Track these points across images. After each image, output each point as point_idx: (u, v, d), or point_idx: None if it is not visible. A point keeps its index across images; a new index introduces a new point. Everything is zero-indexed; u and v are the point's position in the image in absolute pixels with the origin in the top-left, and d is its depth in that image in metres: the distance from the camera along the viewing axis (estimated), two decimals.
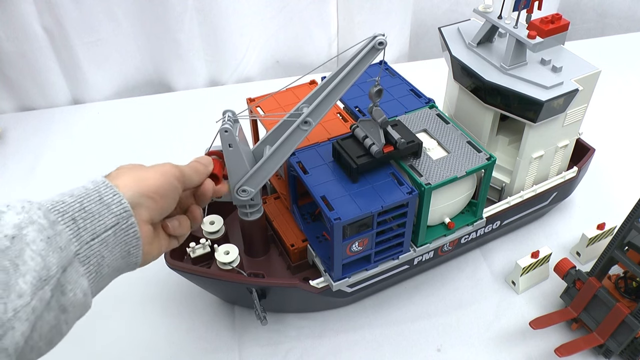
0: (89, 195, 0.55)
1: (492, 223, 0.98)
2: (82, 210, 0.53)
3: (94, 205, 0.54)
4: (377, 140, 0.78)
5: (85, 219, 0.53)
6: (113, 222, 0.55)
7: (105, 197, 0.55)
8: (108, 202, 0.55)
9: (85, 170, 1.27)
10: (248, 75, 1.57)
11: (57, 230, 0.51)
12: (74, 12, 1.33)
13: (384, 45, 0.70)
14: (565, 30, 0.90)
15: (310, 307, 0.94)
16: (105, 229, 0.54)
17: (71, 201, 0.54)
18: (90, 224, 0.53)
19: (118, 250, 0.56)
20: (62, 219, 0.52)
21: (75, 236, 0.52)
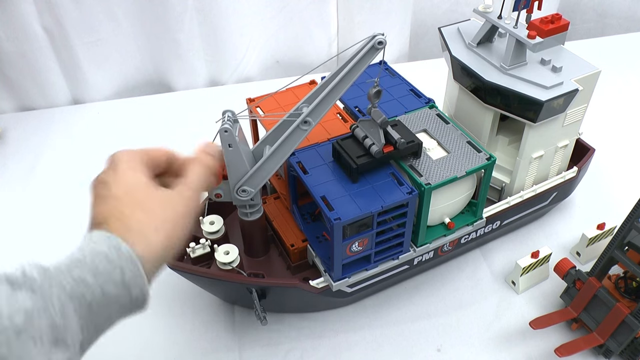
0: (112, 274, 0.51)
1: (492, 223, 0.98)
2: (102, 295, 0.50)
3: (113, 287, 0.51)
4: (377, 140, 0.78)
5: (100, 305, 0.50)
6: (127, 301, 0.52)
7: (128, 278, 0.52)
8: (129, 283, 0.52)
9: (85, 170, 1.26)
10: (248, 75, 1.57)
11: (69, 322, 0.47)
12: (74, 12, 1.33)
13: (383, 45, 0.70)
14: (565, 30, 0.90)
15: (310, 307, 0.94)
16: (118, 313, 0.52)
17: (92, 283, 0.50)
18: (106, 310, 0.51)
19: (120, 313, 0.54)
20: (79, 307, 0.49)
21: (85, 327, 0.49)
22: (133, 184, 0.61)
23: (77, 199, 1.20)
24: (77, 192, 1.22)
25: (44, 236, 1.11)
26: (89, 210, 0.61)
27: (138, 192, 0.60)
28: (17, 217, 1.16)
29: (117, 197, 0.59)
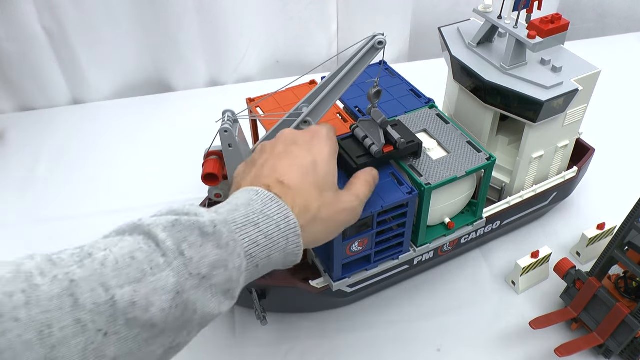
0: (279, 242, 0.57)
1: (492, 223, 0.98)
2: (267, 258, 0.57)
3: (277, 253, 0.57)
4: (377, 140, 0.78)
5: (263, 265, 0.57)
6: (282, 263, 0.60)
7: (291, 249, 0.59)
8: (289, 252, 0.59)
9: (85, 170, 1.27)
10: (248, 75, 1.57)
11: (240, 277, 0.54)
12: (74, 12, 1.34)
13: (383, 45, 0.70)
14: (565, 30, 0.90)
15: (310, 307, 0.94)
16: (271, 270, 0.59)
17: (264, 244, 0.56)
18: (265, 269, 0.58)
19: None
20: (249, 265, 0.55)
21: (246, 280, 0.56)
22: (328, 171, 0.65)
23: (77, 198, 1.20)
24: (77, 192, 1.22)
25: (44, 236, 1.11)
26: (267, 152, 0.66)
27: (328, 180, 0.64)
28: (17, 217, 1.16)
29: (310, 171, 0.63)
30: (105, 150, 1.32)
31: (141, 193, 1.20)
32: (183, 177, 1.18)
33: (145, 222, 0.50)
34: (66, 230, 1.12)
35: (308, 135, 0.67)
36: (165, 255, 0.48)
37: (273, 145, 0.66)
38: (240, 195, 0.58)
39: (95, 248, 0.48)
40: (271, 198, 0.57)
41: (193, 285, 0.49)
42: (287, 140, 0.66)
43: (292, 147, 0.65)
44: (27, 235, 1.11)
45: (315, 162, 0.64)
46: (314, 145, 0.65)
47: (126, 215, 1.18)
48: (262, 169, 0.63)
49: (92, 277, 0.45)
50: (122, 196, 1.19)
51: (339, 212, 0.65)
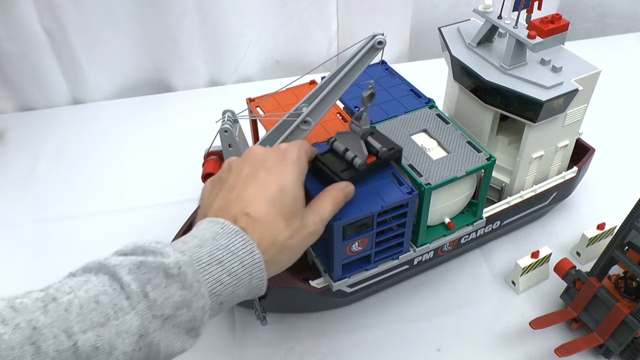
0: (243, 278, 0.57)
1: (492, 223, 0.98)
2: (231, 294, 0.57)
3: (241, 289, 0.57)
4: (359, 152, 0.76)
5: (227, 301, 0.57)
6: (245, 296, 0.59)
7: (255, 283, 0.59)
8: (254, 286, 0.59)
9: (85, 170, 1.27)
10: (248, 75, 1.57)
11: (203, 315, 0.55)
12: (74, 12, 1.34)
13: (383, 45, 0.70)
14: (565, 30, 0.90)
15: (310, 307, 0.94)
16: (234, 304, 0.59)
17: (228, 282, 0.56)
18: (229, 305, 0.58)
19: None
20: (213, 303, 0.56)
21: (210, 316, 0.56)
22: (295, 196, 0.64)
23: (77, 198, 1.20)
24: (77, 192, 1.22)
25: (44, 236, 1.11)
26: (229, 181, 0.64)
27: (296, 206, 0.64)
28: (17, 217, 1.16)
29: (277, 200, 0.62)
30: (105, 150, 1.32)
31: (141, 193, 1.20)
32: (183, 177, 1.18)
33: (111, 263, 0.50)
34: (66, 230, 1.12)
35: (277, 156, 0.65)
36: (130, 298, 0.48)
37: (240, 166, 0.65)
38: (206, 227, 0.58)
39: (60, 291, 0.48)
40: (236, 232, 0.57)
41: (157, 326, 0.50)
42: (255, 161, 0.65)
43: (259, 171, 0.63)
44: (27, 235, 1.11)
45: (283, 188, 0.62)
46: (281, 169, 0.64)
47: (126, 215, 1.19)
48: (229, 197, 0.62)
49: (55, 323, 0.45)
50: (122, 196, 1.19)
51: (305, 237, 0.65)
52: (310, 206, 0.68)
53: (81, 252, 1.08)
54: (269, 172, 0.63)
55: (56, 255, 1.07)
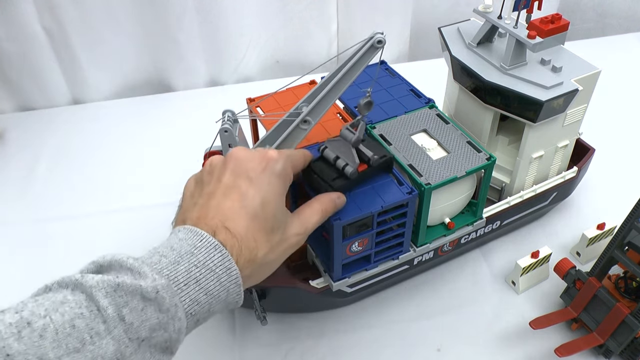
0: (219, 294, 0.56)
1: (492, 223, 0.98)
2: (208, 311, 0.56)
3: (218, 305, 0.57)
4: (351, 160, 0.75)
5: (204, 318, 0.57)
6: (222, 310, 0.58)
7: (231, 298, 0.58)
8: (230, 301, 0.58)
9: (85, 170, 1.27)
10: (248, 75, 1.57)
11: (180, 336, 0.54)
12: (74, 12, 1.34)
13: (382, 44, 0.70)
14: (565, 30, 0.90)
15: (310, 307, 0.94)
16: (219, 309, 0.58)
17: (205, 301, 0.56)
18: (205, 321, 0.57)
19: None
20: (189, 322, 0.55)
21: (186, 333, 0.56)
22: (277, 209, 0.63)
23: (77, 198, 1.20)
24: (77, 191, 1.22)
25: (44, 236, 1.11)
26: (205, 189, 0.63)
27: (277, 220, 0.62)
28: (17, 217, 1.16)
29: (258, 214, 0.60)
30: (105, 150, 1.32)
31: (141, 193, 1.20)
32: (183, 177, 1.18)
33: (88, 283, 0.49)
34: (66, 230, 1.12)
35: (260, 165, 0.62)
36: (106, 322, 0.48)
37: (221, 172, 0.63)
38: (184, 237, 0.56)
39: (35, 315, 0.46)
40: (215, 247, 0.56)
41: (133, 349, 0.49)
42: (236, 169, 0.62)
43: (241, 180, 0.61)
44: (27, 235, 1.11)
45: (265, 202, 0.61)
46: (264, 181, 0.61)
47: (126, 215, 1.19)
48: (209, 204, 0.60)
49: (29, 350, 0.44)
50: (122, 196, 1.19)
51: (284, 250, 0.64)
52: (297, 214, 0.67)
53: (81, 252, 1.08)
54: (251, 182, 0.61)
55: (56, 255, 1.07)
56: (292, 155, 0.67)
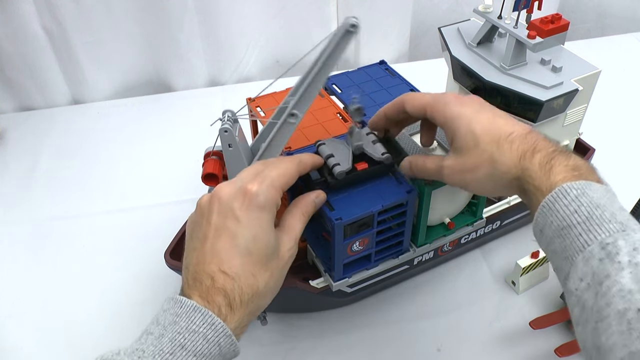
0: (211, 351, 0.57)
1: (492, 223, 0.98)
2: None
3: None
4: (344, 161, 0.75)
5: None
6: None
7: (225, 350, 0.58)
8: (224, 353, 0.58)
9: (85, 170, 1.27)
10: (248, 75, 1.57)
11: None
12: (74, 12, 1.34)
13: (356, 28, 0.70)
14: (565, 30, 0.90)
15: (310, 307, 0.94)
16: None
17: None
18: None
19: None
20: None
21: None
22: (269, 238, 0.63)
23: (77, 198, 1.20)
24: (77, 191, 1.22)
25: (44, 236, 1.11)
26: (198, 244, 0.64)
27: (270, 247, 0.63)
28: (17, 217, 1.16)
29: (252, 249, 0.61)
30: (105, 150, 1.32)
31: (141, 193, 1.20)
32: (183, 177, 1.18)
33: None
34: (66, 230, 1.12)
35: (244, 203, 0.62)
36: None
37: (209, 213, 0.63)
38: (168, 308, 0.59)
39: None
40: (194, 308, 0.57)
41: None
42: (222, 210, 0.62)
43: (228, 220, 0.61)
44: (27, 235, 1.11)
45: (255, 237, 0.61)
46: (250, 216, 0.62)
47: (126, 215, 1.19)
48: (204, 249, 0.61)
49: None
50: (122, 196, 1.19)
51: (283, 269, 0.65)
52: (283, 229, 0.67)
53: (81, 252, 1.08)
54: (238, 221, 0.61)
55: (56, 255, 1.07)
56: (274, 181, 0.65)
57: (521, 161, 0.61)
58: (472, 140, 0.64)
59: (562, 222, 0.56)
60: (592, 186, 0.57)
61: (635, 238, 0.51)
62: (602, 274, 0.49)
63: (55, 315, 0.97)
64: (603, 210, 0.54)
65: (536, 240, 0.61)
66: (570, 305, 0.54)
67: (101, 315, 0.96)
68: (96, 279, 1.02)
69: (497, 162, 0.63)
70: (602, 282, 0.49)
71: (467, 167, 0.66)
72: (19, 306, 0.99)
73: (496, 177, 0.64)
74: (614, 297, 0.47)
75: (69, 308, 0.98)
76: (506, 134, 0.63)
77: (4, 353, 0.92)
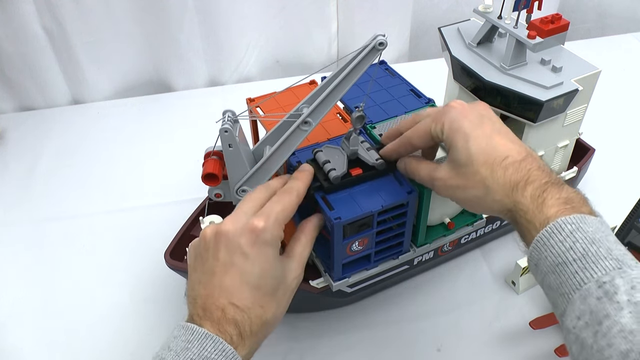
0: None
1: (492, 223, 0.98)
2: None
3: None
4: (339, 167, 0.78)
5: None
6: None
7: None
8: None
9: (85, 170, 1.27)
10: (248, 75, 1.57)
11: None
12: (74, 12, 1.34)
13: (384, 46, 0.70)
14: (565, 30, 0.90)
15: (310, 307, 0.94)
16: None
17: None
18: None
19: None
20: None
21: None
22: (276, 270, 0.65)
23: (77, 198, 1.20)
24: (77, 191, 1.22)
25: (44, 236, 1.11)
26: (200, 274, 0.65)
27: (277, 278, 0.65)
28: (17, 217, 1.16)
29: (260, 283, 0.63)
30: (105, 150, 1.32)
31: (141, 193, 1.20)
32: (183, 177, 1.18)
33: None
34: (66, 230, 1.12)
35: (251, 239, 0.63)
36: None
37: (216, 250, 0.64)
38: (179, 335, 0.60)
39: None
40: (205, 336, 0.58)
41: None
42: (229, 246, 0.63)
43: (236, 256, 0.62)
44: (27, 235, 1.11)
45: (263, 272, 0.63)
46: (257, 252, 0.63)
47: (126, 215, 1.19)
48: (211, 283, 0.62)
49: None
50: (122, 196, 1.19)
51: (290, 296, 0.68)
52: (289, 256, 0.69)
53: (81, 252, 1.08)
54: (246, 257, 0.62)
55: (56, 255, 1.07)
56: (281, 211, 0.67)
57: (513, 193, 0.61)
58: (467, 158, 0.64)
59: (557, 258, 0.55)
60: (586, 220, 0.57)
61: (633, 275, 0.50)
62: (601, 314, 0.49)
63: (55, 315, 0.97)
64: (598, 247, 0.54)
65: (531, 272, 0.61)
66: (568, 342, 0.53)
67: (101, 316, 0.96)
68: (96, 279, 1.02)
69: (489, 188, 0.63)
70: (601, 321, 0.49)
71: (458, 184, 0.66)
72: (19, 306, 0.99)
73: (487, 202, 0.64)
74: (615, 338, 0.47)
75: (69, 308, 0.98)
76: (501, 158, 0.63)
77: (4, 353, 0.92)
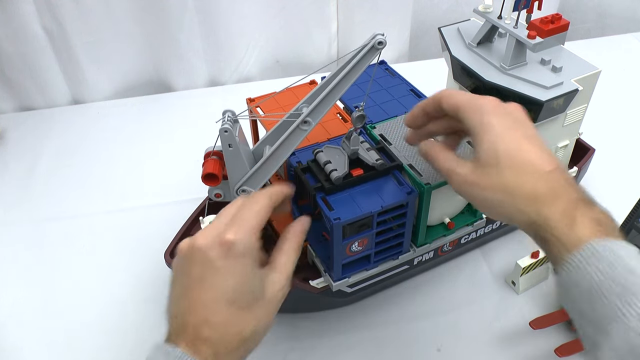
0: None
1: (492, 223, 0.98)
2: None
3: None
4: (340, 167, 0.78)
5: None
6: None
7: None
8: None
9: (85, 170, 1.27)
10: (248, 75, 1.57)
11: None
12: (74, 12, 1.34)
13: (383, 45, 0.70)
14: (565, 30, 0.90)
15: (310, 307, 0.94)
16: None
17: None
18: None
19: None
20: None
21: None
22: (253, 283, 0.63)
23: (77, 198, 1.20)
24: (77, 191, 1.22)
25: (43, 236, 1.11)
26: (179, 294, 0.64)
27: (255, 291, 0.63)
28: (17, 217, 1.16)
29: (236, 297, 0.61)
30: (105, 150, 1.32)
31: (141, 193, 1.20)
32: (183, 177, 1.18)
33: None
34: (66, 230, 1.12)
35: (222, 252, 0.61)
36: None
37: (189, 266, 0.62)
38: (153, 357, 0.59)
39: None
40: (180, 358, 0.57)
41: None
42: (201, 261, 0.61)
43: (208, 272, 0.60)
44: (27, 235, 1.11)
45: (237, 284, 0.61)
46: (230, 265, 0.61)
47: (126, 215, 1.19)
48: (187, 298, 0.61)
49: None
50: (122, 196, 1.19)
51: (274, 309, 0.64)
52: (272, 268, 0.66)
53: (81, 253, 1.08)
54: (218, 272, 0.60)
55: (56, 255, 1.07)
56: (253, 217, 0.65)
57: (539, 205, 0.58)
58: (494, 158, 0.61)
59: (594, 286, 0.52)
60: (621, 247, 0.54)
61: None
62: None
63: (55, 315, 0.97)
64: (637, 277, 0.51)
65: (557, 293, 0.58)
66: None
67: (101, 315, 0.96)
68: (96, 279, 1.02)
69: (512, 194, 0.59)
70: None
71: (478, 182, 0.62)
72: (19, 306, 0.99)
73: (508, 209, 0.60)
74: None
75: (69, 308, 0.98)
76: (528, 165, 0.60)
77: (4, 353, 0.92)
